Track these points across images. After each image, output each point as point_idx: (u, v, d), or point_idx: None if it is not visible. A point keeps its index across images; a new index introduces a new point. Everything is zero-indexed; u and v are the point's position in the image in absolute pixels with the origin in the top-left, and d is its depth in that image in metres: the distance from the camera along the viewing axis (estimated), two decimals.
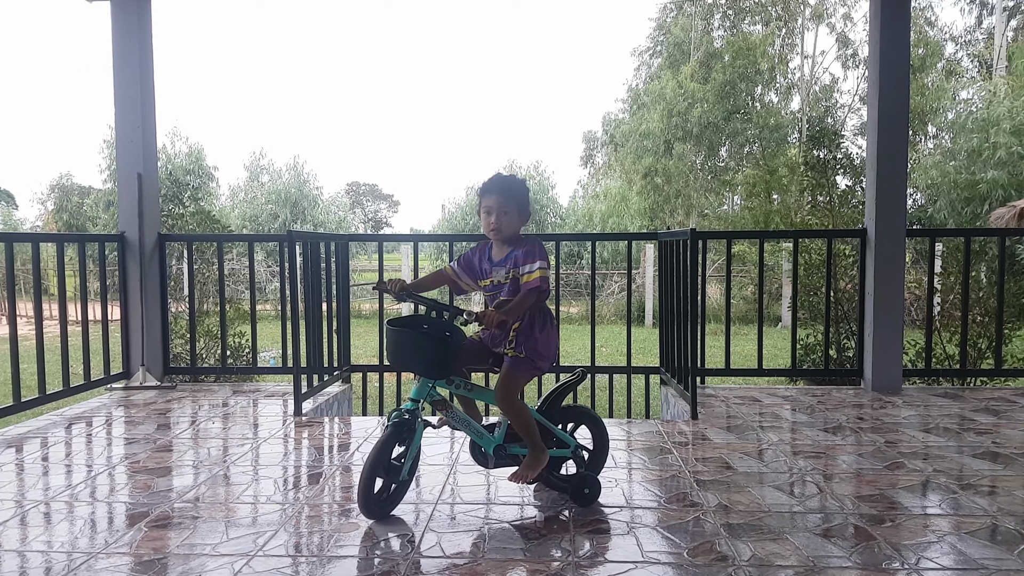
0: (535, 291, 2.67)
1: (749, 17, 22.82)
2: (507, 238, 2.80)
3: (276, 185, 29.87)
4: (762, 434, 3.87)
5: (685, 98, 20.94)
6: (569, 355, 10.43)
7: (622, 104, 25.21)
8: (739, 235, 8.41)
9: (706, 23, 22.77)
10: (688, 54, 22.14)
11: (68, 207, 28.95)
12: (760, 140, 21.28)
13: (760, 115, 21.35)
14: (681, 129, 21.00)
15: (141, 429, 4.02)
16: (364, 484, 2.58)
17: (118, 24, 5.11)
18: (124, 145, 5.18)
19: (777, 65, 22.09)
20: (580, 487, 2.82)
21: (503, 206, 2.75)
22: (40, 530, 2.62)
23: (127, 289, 5.18)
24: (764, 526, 2.60)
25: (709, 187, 22.43)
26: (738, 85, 21.32)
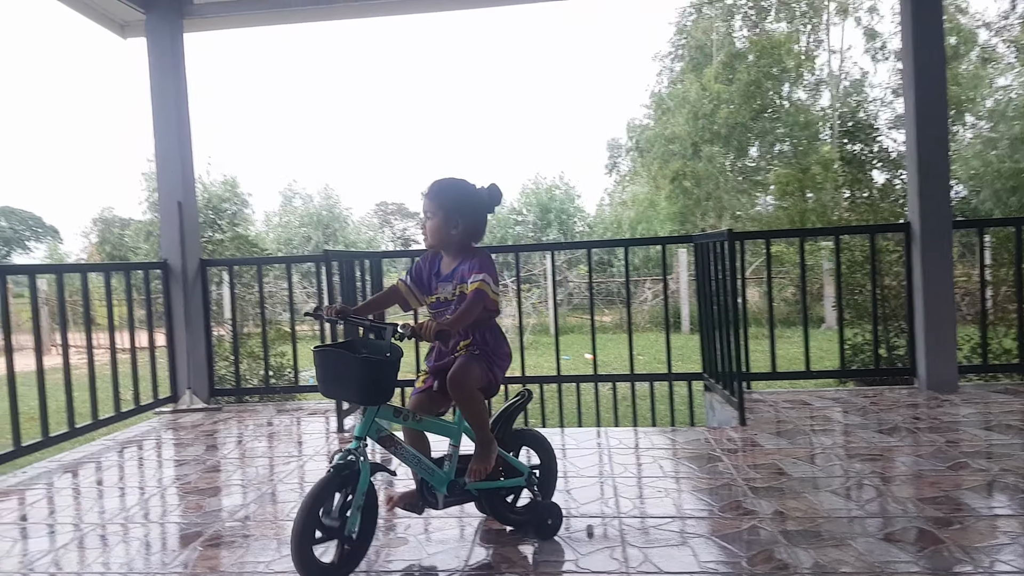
0: (479, 299, 2.40)
1: (772, 15, 22.61)
2: (450, 249, 2.56)
3: (308, 208, 30.37)
4: (814, 438, 3.79)
5: (710, 100, 20.77)
6: (605, 364, 10.36)
7: (646, 110, 25.11)
8: (778, 234, 8.26)
9: (727, 24, 22.59)
10: (710, 56, 21.99)
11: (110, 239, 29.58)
12: (791, 138, 21.02)
13: (789, 113, 21.10)
14: (708, 131, 20.83)
15: (190, 451, 4.07)
16: (297, 542, 2.14)
17: (154, 58, 5.21)
18: (164, 175, 5.27)
19: (804, 62, 21.82)
20: (543, 518, 2.58)
21: (429, 209, 2.53)
22: (97, 552, 2.66)
23: (172, 314, 5.25)
24: (824, 532, 2.53)
25: (740, 188, 22.18)
26: (764, 84, 21.09)
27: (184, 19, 5.25)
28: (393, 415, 2.38)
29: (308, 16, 5.57)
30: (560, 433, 4.20)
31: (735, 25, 22.63)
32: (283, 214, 31.17)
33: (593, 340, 5.24)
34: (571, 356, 12.68)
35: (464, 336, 2.52)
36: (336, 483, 2.23)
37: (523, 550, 2.52)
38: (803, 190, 18.98)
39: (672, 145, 21.41)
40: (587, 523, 2.72)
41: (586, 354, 12.50)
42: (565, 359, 5.52)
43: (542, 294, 19.15)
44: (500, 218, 28.63)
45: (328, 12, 5.43)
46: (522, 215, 28.47)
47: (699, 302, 5.03)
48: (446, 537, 2.66)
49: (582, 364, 11.79)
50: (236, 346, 5.56)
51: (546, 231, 27.52)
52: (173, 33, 5.20)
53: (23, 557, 2.64)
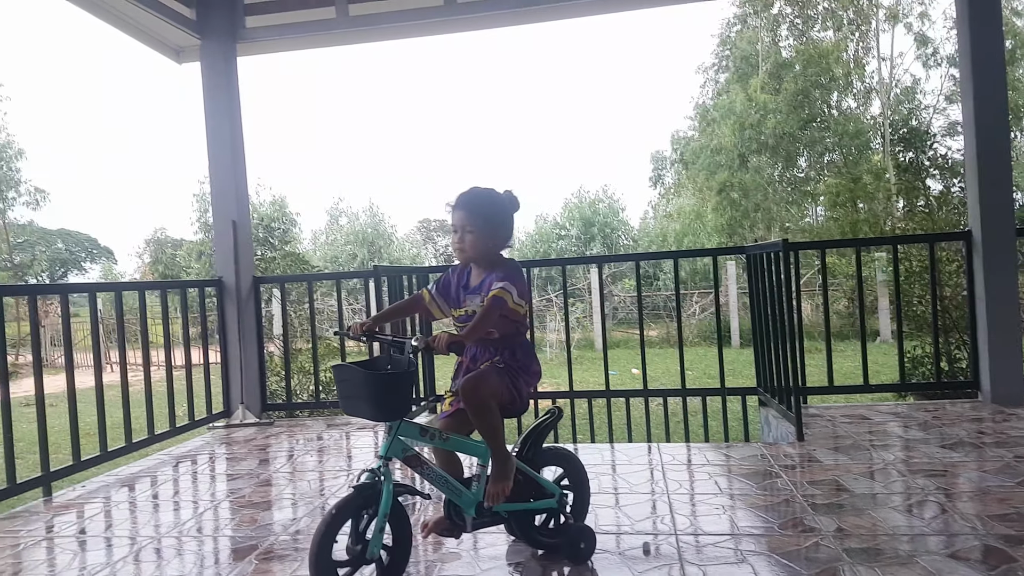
0: (495, 307, 2.31)
1: (819, 24, 22.30)
2: (481, 261, 2.48)
3: (354, 227, 30.84)
4: (875, 453, 3.68)
5: (756, 110, 20.54)
6: (653, 379, 10.23)
7: (690, 121, 24.94)
8: (834, 244, 8.08)
9: (773, 34, 22.35)
10: (756, 66, 21.76)
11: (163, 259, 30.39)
12: (840, 148, 20.65)
13: (838, 122, 20.74)
14: (755, 142, 20.58)
15: (243, 465, 4.11)
16: (314, 564, 2.10)
17: (209, 82, 5.33)
18: (219, 195, 5.38)
19: (853, 70, 21.47)
20: (575, 541, 2.48)
21: (467, 222, 2.44)
22: (153, 566, 2.69)
23: (226, 331, 5.34)
24: (889, 550, 2.45)
25: (790, 199, 21.85)
26: (812, 93, 20.79)
27: (238, 43, 5.37)
28: (419, 434, 2.31)
29: (356, 38, 5.65)
30: (610, 448, 4.15)
31: (781, 34, 22.37)
32: (329, 232, 31.71)
33: (643, 354, 5.18)
34: (617, 371, 12.57)
35: (493, 354, 2.44)
36: (357, 504, 2.17)
37: (579, 568, 2.48)
38: (854, 200, 18.62)
39: (718, 156, 21.20)
40: (643, 540, 2.67)
41: (633, 369, 12.39)
42: (612, 374, 5.45)
43: (586, 308, 19.07)
44: (543, 232, 28.66)
45: (376, 33, 5.51)
46: (565, 229, 28.42)
47: (752, 315, 4.93)
48: (498, 553, 2.63)
49: (629, 379, 11.68)
50: (287, 361, 5.63)
51: (589, 245, 27.43)
52: (227, 57, 5.32)
53: (81, 570, 2.69)
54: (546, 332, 17.12)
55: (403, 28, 5.40)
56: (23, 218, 26.19)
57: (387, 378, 2.22)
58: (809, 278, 16.31)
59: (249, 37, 5.38)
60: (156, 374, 5.36)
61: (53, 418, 3.98)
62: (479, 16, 5.21)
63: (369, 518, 2.19)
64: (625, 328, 19.22)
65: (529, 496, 2.49)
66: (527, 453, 2.52)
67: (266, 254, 7.50)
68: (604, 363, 5.35)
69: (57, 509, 3.48)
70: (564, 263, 5.92)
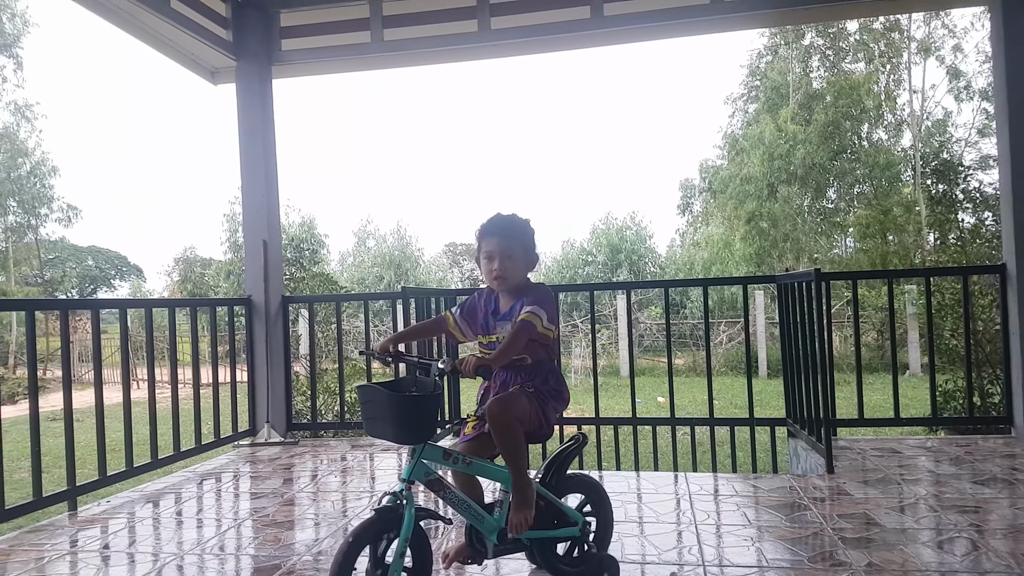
0: (524, 331, 2.28)
1: (850, 56, 22.26)
2: (513, 287, 2.45)
3: (381, 249, 31.07)
4: (906, 487, 3.60)
5: (786, 140, 20.48)
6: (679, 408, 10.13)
7: (719, 150, 24.91)
8: (866, 275, 7.93)
9: (804, 65, 22.32)
10: (786, 97, 21.72)
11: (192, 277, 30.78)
12: (871, 179, 20.49)
13: (869, 153, 20.60)
14: (784, 172, 20.49)
15: (267, 484, 4.11)
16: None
17: (243, 103, 5.41)
18: (250, 215, 5.44)
19: (884, 102, 21.35)
20: (598, 571, 2.44)
21: (506, 249, 2.40)
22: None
23: (254, 349, 5.37)
24: None
25: (819, 230, 21.67)
26: (842, 124, 20.70)
27: (273, 65, 5.46)
28: (442, 457, 2.28)
29: (390, 63, 5.73)
30: (636, 477, 4.10)
31: (812, 65, 22.34)
32: (357, 254, 31.95)
33: (671, 382, 5.13)
34: (643, 399, 12.46)
35: (525, 379, 2.41)
36: (378, 527, 2.14)
37: None
38: (884, 232, 18.41)
39: (747, 186, 21.11)
40: (669, 571, 2.62)
41: (659, 397, 12.28)
42: (638, 402, 5.40)
43: (611, 335, 18.98)
44: (570, 258, 28.66)
45: (409, 58, 5.57)
46: (592, 255, 28.40)
47: (782, 345, 4.87)
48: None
49: (654, 407, 11.57)
50: (313, 381, 5.65)
51: (616, 272, 27.37)
52: (262, 79, 5.41)
53: None
54: (571, 358, 17.05)
55: (437, 53, 5.46)
56: (55, 234, 26.70)
57: (412, 400, 2.21)
58: (838, 309, 16.12)
59: (284, 60, 5.47)
60: (183, 391, 5.40)
61: (80, 433, 4.02)
62: (512, 43, 5.25)
63: (389, 542, 2.17)
64: (651, 356, 19.09)
65: (551, 523, 2.45)
66: (550, 479, 2.49)
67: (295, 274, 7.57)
68: (631, 390, 5.31)
69: (82, 524, 3.50)
70: (592, 288, 5.90)
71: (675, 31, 5.26)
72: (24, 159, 23.49)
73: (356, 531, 2.11)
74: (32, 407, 3.62)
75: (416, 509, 2.17)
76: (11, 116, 23.62)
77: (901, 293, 13.67)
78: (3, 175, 22.90)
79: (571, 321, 20.60)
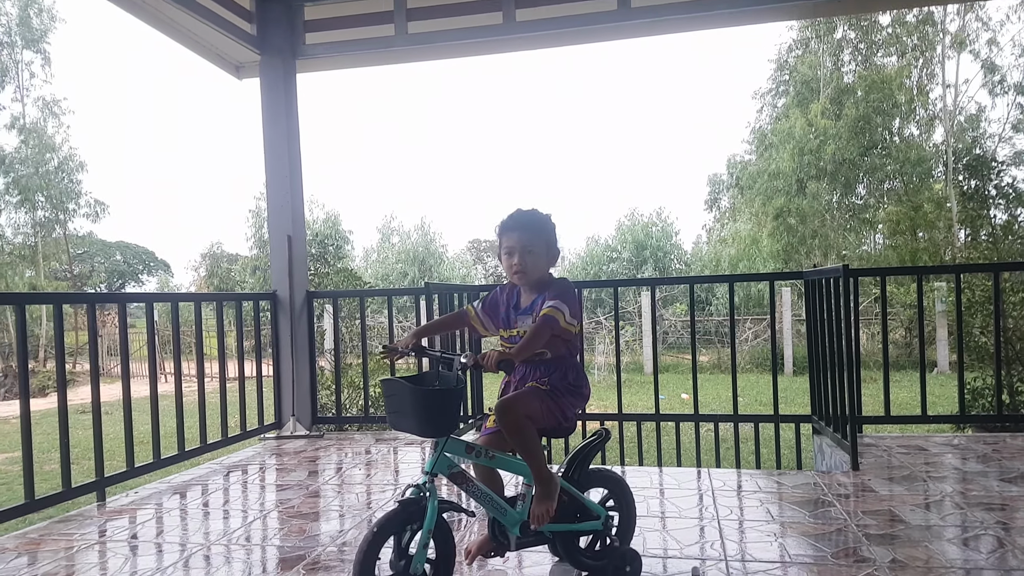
0: (546, 325, 2.28)
1: (882, 50, 21.94)
2: (535, 282, 2.46)
3: (405, 245, 31.17)
4: (932, 485, 3.55)
5: (816, 136, 20.24)
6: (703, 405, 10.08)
7: (747, 146, 24.67)
8: (895, 271, 7.81)
9: (835, 59, 22.04)
10: (816, 91, 21.46)
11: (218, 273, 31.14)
12: (901, 175, 20.19)
13: (900, 149, 20.30)
14: (814, 167, 20.25)
15: (293, 476, 4.16)
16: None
17: (267, 98, 5.44)
18: (275, 211, 5.48)
19: (916, 97, 21.02)
20: (620, 564, 2.43)
21: (528, 244, 2.41)
22: (202, 573, 2.73)
23: (279, 344, 5.42)
24: None
25: (848, 226, 21.40)
26: (873, 119, 20.40)
27: (297, 59, 5.49)
28: (465, 451, 2.31)
29: (414, 56, 5.73)
30: (659, 472, 4.08)
31: (844, 59, 22.05)
32: (381, 250, 32.09)
33: (695, 378, 5.10)
34: (666, 395, 12.41)
35: (543, 374, 2.40)
36: (402, 518, 2.17)
37: None
38: (914, 229, 18.15)
39: (776, 181, 20.90)
40: (691, 565, 2.61)
41: (683, 394, 12.23)
42: (661, 399, 5.37)
43: (635, 332, 18.91)
44: (594, 255, 28.56)
45: (434, 51, 5.57)
46: (617, 252, 28.28)
47: (809, 341, 4.83)
48: (542, 572, 2.60)
49: (677, 404, 11.52)
50: (338, 376, 5.69)
51: (641, 268, 27.24)
52: (287, 74, 5.44)
53: (132, 574, 2.73)
54: (595, 355, 17.01)
55: (461, 46, 5.46)
56: (83, 230, 27.05)
57: (435, 394, 2.22)
58: (866, 306, 15.93)
59: (308, 54, 5.49)
60: (210, 385, 5.47)
61: (108, 425, 4.08)
62: (537, 35, 5.22)
63: (413, 533, 2.19)
64: (675, 353, 19.01)
65: (574, 517, 2.46)
66: (573, 474, 2.50)
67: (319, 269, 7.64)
68: (655, 386, 5.28)
69: (110, 514, 3.56)
70: (617, 284, 5.87)
71: (703, 23, 5.21)
72: (52, 154, 23.82)
73: (381, 522, 2.14)
74: (61, 400, 3.68)
75: (439, 501, 2.19)
76: (39, 112, 23.99)
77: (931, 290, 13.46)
78: (31, 170, 23.26)
79: (595, 318, 20.55)
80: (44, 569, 2.81)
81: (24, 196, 23.21)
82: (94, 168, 50.42)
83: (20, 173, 23.20)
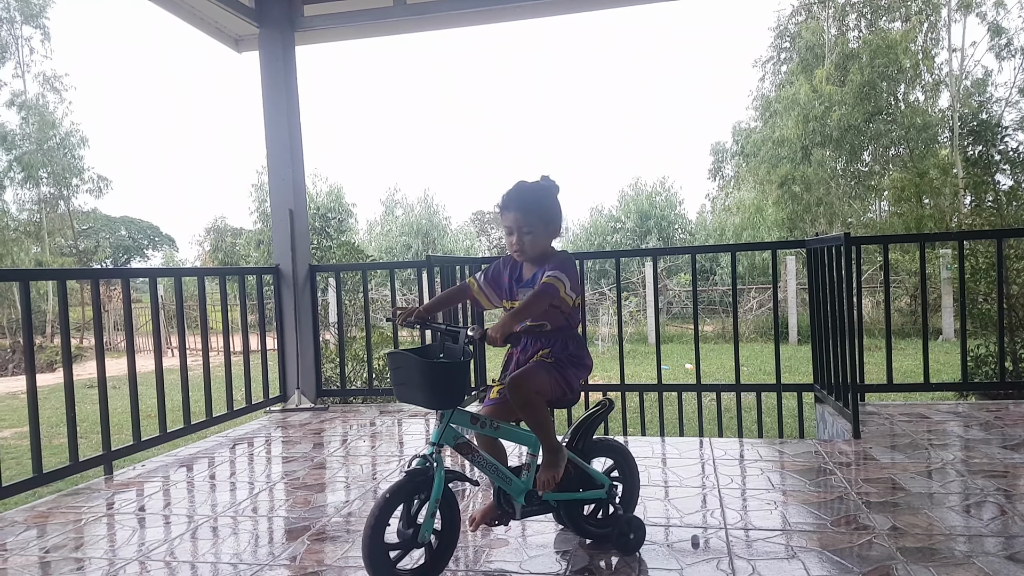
0: (545, 292, 2.30)
1: (887, 14, 21.63)
2: (536, 256, 2.46)
3: (409, 218, 31.13)
4: (933, 452, 3.57)
5: (821, 102, 20.04)
6: (706, 375, 10.12)
7: (753, 112, 24.46)
8: (897, 239, 7.75)
9: (840, 24, 21.77)
10: (821, 57, 21.22)
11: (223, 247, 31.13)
12: (907, 141, 19.99)
13: (905, 115, 20.08)
14: (819, 134, 20.07)
15: (298, 448, 4.19)
16: (368, 547, 2.12)
17: (267, 71, 5.41)
18: (276, 184, 5.47)
19: (922, 61, 20.76)
20: (624, 532, 2.47)
21: (524, 224, 2.40)
22: (209, 543, 2.76)
23: (283, 318, 5.44)
24: (945, 550, 2.38)
25: (853, 193, 21.25)
26: (879, 85, 20.16)
27: (296, 32, 5.44)
28: (470, 422, 2.33)
29: (413, 27, 5.68)
30: (661, 442, 4.11)
31: (848, 24, 21.76)
32: (384, 223, 32.06)
33: (697, 348, 5.11)
34: (669, 366, 12.46)
35: (543, 345, 2.43)
36: (409, 488, 2.20)
37: (626, 557, 2.47)
38: (920, 195, 18.02)
39: (780, 149, 20.74)
40: (692, 533, 2.64)
41: (686, 364, 12.27)
42: (664, 369, 5.38)
43: (639, 302, 18.91)
44: (598, 225, 28.48)
45: (432, 22, 5.52)
46: (620, 222, 28.19)
47: (811, 310, 4.83)
48: (546, 541, 2.63)
49: (681, 374, 11.57)
50: (342, 349, 5.71)
51: (645, 238, 27.16)
52: (285, 46, 5.39)
53: (140, 546, 2.77)
54: (598, 326, 17.03)
55: (460, 16, 5.40)
56: (86, 205, 27.04)
57: (443, 367, 2.25)
58: (871, 274, 15.89)
59: (307, 26, 5.44)
60: (215, 359, 5.50)
61: (115, 400, 4.11)
62: (535, 4, 5.18)
63: (420, 503, 2.22)
64: (679, 323, 19.02)
65: (579, 486, 2.50)
66: (577, 444, 2.53)
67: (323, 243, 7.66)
68: (657, 356, 5.30)
69: (117, 487, 3.60)
70: (618, 255, 5.87)
71: None
72: (54, 130, 23.76)
73: (389, 492, 2.17)
74: (67, 374, 3.72)
75: (445, 471, 2.23)
76: (39, 87, 23.89)
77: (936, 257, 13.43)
78: (33, 147, 23.21)
79: (599, 289, 20.55)
80: (53, 541, 2.85)
81: (28, 173, 23.18)
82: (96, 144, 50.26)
83: (23, 150, 23.15)
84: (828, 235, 4.34)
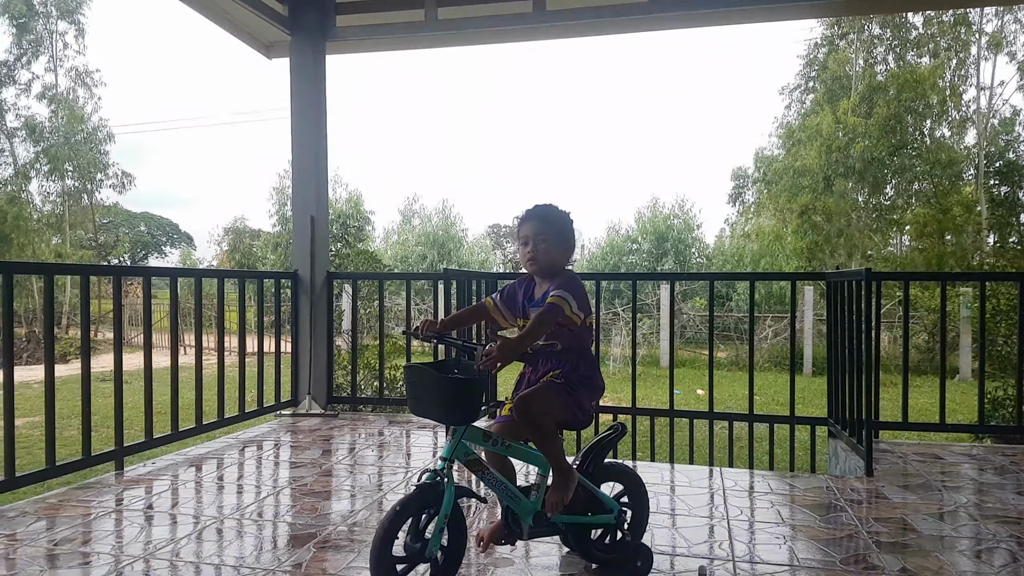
0: (551, 312, 2.31)
1: (915, 49, 21.57)
2: (547, 272, 2.48)
3: (426, 228, 31.19)
4: (946, 494, 3.52)
5: (845, 133, 19.97)
6: (719, 402, 10.05)
7: (776, 140, 24.39)
8: (918, 276, 7.68)
9: (867, 56, 21.71)
10: (847, 88, 21.16)
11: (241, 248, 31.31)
12: (931, 177, 19.85)
13: (931, 150, 19.95)
14: (842, 165, 19.97)
15: (307, 454, 4.20)
16: (376, 559, 2.13)
17: (296, 78, 5.46)
18: (300, 191, 5.51)
19: (949, 97, 20.65)
20: (631, 559, 2.46)
21: (540, 233, 2.46)
22: (214, 545, 2.77)
23: (298, 322, 5.46)
24: None
25: (874, 226, 21.11)
26: (904, 119, 20.06)
27: (328, 41, 5.49)
28: (482, 439, 2.35)
29: (443, 42, 5.73)
30: (670, 469, 4.08)
31: (876, 56, 21.70)
32: (401, 232, 32.14)
33: (711, 375, 5.08)
34: (681, 391, 12.38)
35: (555, 366, 2.43)
36: (420, 502, 2.21)
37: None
38: (942, 232, 17.88)
39: (802, 178, 20.65)
40: (698, 564, 2.61)
41: (698, 390, 12.19)
42: (676, 393, 5.35)
43: (653, 324, 18.83)
44: (615, 244, 28.42)
45: (463, 38, 5.57)
46: (637, 243, 28.12)
47: (828, 343, 4.79)
48: (551, 563, 2.62)
49: (693, 399, 11.49)
50: (355, 356, 5.72)
51: (661, 260, 27.07)
52: (316, 55, 5.45)
53: (146, 544, 2.78)
54: (611, 346, 16.98)
55: (490, 33, 5.45)
56: (109, 200, 27.30)
57: (460, 383, 2.27)
58: (889, 309, 15.76)
59: (338, 36, 5.50)
60: (229, 360, 5.52)
61: (128, 395, 4.13)
62: (566, 24, 5.21)
63: (429, 517, 2.22)
64: (692, 348, 18.91)
65: (587, 510, 2.49)
66: (588, 467, 2.52)
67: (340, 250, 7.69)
68: (670, 382, 5.27)
69: (127, 483, 3.61)
70: (635, 278, 5.85)
71: (732, 18, 5.18)
72: (82, 125, 24.06)
73: (401, 503, 2.18)
74: (84, 369, 3.75)
75: (455, 487, 2.23)
76: (71, 82, 24.21)
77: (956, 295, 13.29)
78: (61, 140, 23.50)
79: (612, 309, 20.50)
80: (62, 535, 2.87)
81: (53, 165, 23.47)
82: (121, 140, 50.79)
83: (50, 143, 23.45)
84: (849, 269, 4.31)
